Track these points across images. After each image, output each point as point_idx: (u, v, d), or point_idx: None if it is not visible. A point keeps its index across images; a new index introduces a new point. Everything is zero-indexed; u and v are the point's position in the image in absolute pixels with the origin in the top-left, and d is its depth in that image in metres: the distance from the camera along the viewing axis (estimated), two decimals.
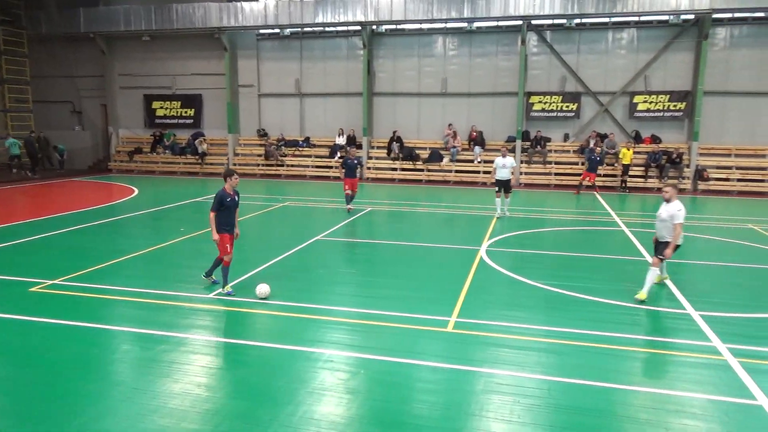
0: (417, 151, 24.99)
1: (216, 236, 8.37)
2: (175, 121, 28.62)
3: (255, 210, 16.51)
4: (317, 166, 25.98)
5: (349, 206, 16.05)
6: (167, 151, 27.78)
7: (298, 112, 27.25)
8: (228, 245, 8.46)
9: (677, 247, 8.68)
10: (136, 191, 20.79)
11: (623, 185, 22.21)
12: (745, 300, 8.63)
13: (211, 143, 27.86)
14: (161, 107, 28.63)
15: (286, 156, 26.43)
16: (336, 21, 24.27)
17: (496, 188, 15.38)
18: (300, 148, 26.56)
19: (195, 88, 28.11)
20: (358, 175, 16.49)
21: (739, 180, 21.77)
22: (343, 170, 15.98)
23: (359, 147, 25.50)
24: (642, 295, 8.36)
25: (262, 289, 8.32)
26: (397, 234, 13.97)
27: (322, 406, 5.32)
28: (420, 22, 24.04)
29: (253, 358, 6.41)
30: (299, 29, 25.87)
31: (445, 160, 24.36)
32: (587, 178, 20.92)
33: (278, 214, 16.24)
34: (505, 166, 15.28)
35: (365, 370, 6.10)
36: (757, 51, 21.90)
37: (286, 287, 9.08)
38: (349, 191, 15.93)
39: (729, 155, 22.50)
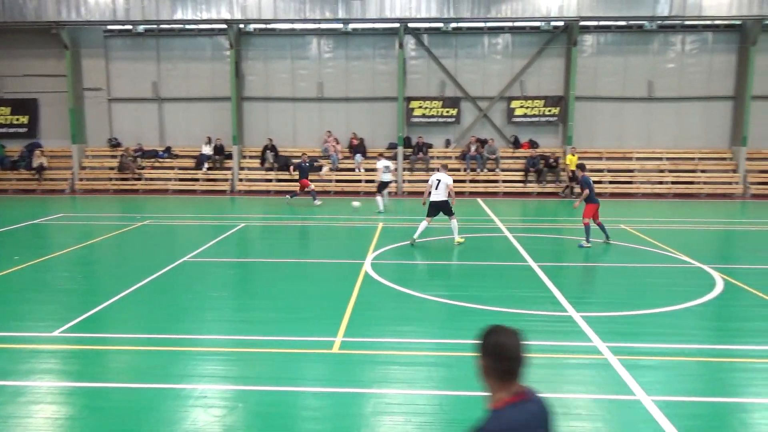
0: (294, 161, 24.82)
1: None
2: (5, 130, 26.06)
3: (109, 231, 15.44)
4: (181, 179, 24.91)
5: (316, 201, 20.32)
6: None
7: (157, 119, 25.99)
8: None
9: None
10: None
11: (568, 190, 23.06)
12: (621, 299, 9.54)
13: (51, 155, 25.70)
14: None
15: (144, 168, 25.07)
16: (197, 18, 23.52)
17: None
18: (160, 159, 25.33)
19: (29, 91, 25.79)
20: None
21: (610, 182, 24.08)
22: (297, 172, 20.45)
23: (229, 157, 24.92)
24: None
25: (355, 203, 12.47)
26: (274, 251, 13.76)
27: None
28: (292, 21, 23.98)
29: (112, 403, 5.97)
30: (155, 26, 24.77)
31: (325, 169, 24.46)
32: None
33: (137, 234, 15.32)
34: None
35: (243, 403, 5.93)
36: (621, 58, 24.47)
37: (148, 317, 8.60)
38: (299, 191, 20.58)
39: (600, 158, 24.82)
